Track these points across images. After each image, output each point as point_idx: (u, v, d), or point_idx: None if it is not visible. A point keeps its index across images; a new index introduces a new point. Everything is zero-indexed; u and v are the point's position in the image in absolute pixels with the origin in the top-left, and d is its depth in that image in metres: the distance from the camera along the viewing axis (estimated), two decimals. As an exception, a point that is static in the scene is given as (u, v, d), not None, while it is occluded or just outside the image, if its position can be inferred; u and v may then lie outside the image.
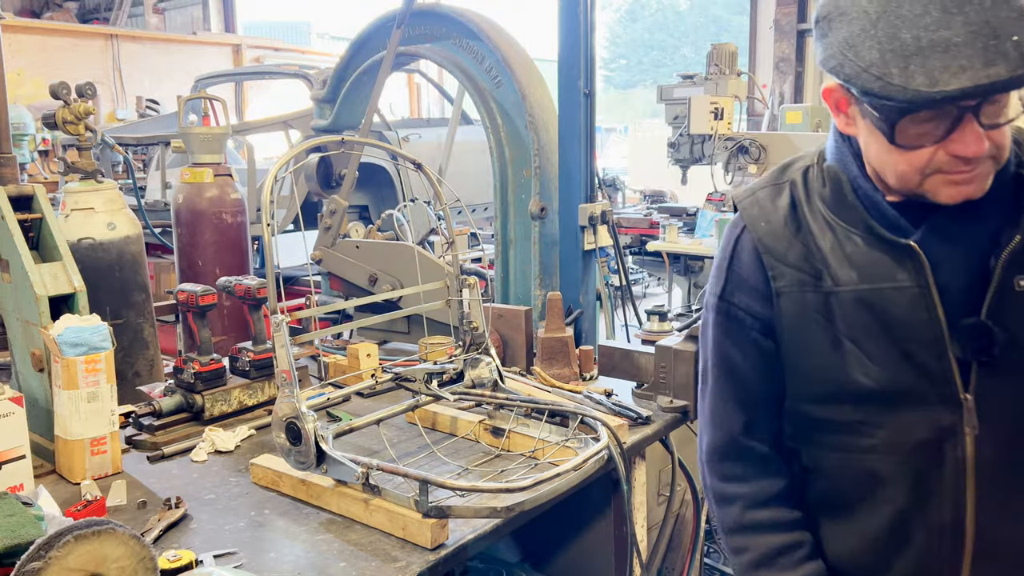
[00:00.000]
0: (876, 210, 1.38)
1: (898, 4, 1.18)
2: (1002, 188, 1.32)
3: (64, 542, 1.40)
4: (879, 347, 1.36)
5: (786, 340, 1.45)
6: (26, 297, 2.28)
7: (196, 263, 3.98)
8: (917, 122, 1.23)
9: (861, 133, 1.34)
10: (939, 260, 1.33)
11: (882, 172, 1.34)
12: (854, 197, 1.40)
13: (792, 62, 9.29)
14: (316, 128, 3.80)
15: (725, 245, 1.53)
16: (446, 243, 2.64)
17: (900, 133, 1.24)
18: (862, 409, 1.40)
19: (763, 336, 1.48)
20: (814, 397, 1.45)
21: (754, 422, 1.53)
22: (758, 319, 1.48)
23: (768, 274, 1.44)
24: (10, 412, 2.00)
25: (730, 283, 1.51)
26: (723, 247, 1.54)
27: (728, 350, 1.53)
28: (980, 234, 1.33)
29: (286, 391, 1.98)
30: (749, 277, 1.48)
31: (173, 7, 14.89)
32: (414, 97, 12.98)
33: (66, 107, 2.82)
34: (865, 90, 1.21)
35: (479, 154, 6.59)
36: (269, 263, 1.97)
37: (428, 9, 3.40)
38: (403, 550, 1.80)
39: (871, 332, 1.37)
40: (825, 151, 1.48)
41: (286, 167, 2.10)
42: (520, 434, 2.30)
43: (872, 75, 1.19)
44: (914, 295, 1.34)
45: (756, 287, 1.47)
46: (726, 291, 1.51)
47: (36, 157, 8.37)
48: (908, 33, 1.16)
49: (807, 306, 1.41)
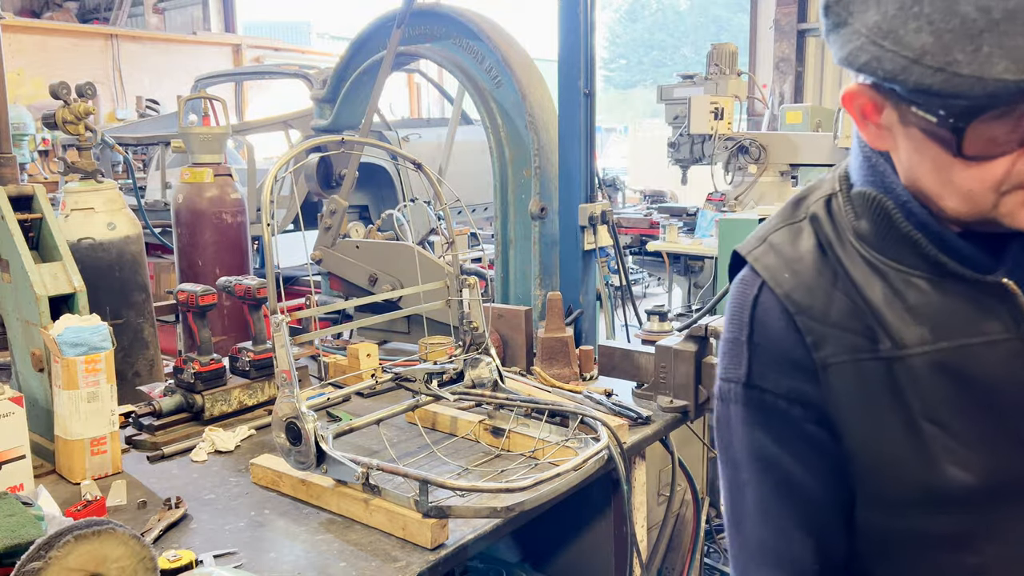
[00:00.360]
0: (942, 243, 1.03)
1: None
2: None
3: (64, 542, 1.40)
4: (974, 426, 1.02)
5: (844, 430, 1.07)
6: (26, 297, 2.28)
7: (196, 263, 3.98)
8: (990, 122, 0.90)
9: (902, 147, 1.01)
10: None
11: (939, 195, 1.00)
12: (909, 228, 1.04)
13: (792, 62, 9.29)
14: (316, 128, 3.80)
15: (737, 313, 1.14)
16: (446, 243, 2.64)
17: (970, 141, 0.92)
18: (960, 515, 1.04)
19: (817, 427, 1.08)
20: (891, 504, 1.08)
21: (828, 548, 1.13)
22: (807, 405, 1.08)
23: (806, 340, 1.07)
24: (10, 412, 2.00)
25: (756, 362, 1.11)
26: (734, 317, 1.14)
27: (773, 456, 1.11)
28: None
29: (286, 391, 1.98)
30: (782, 349, 1.08)
31: (173, 7, 14.90)
32: (414, 97, 12.98)
33: (66, 107, 2.82)
34: (919, 87, 0.89)
35: (479, 154, 6.59)
36: (269, 263, 1.97)
37: (428, 9, 3.40)
38: (403, 550, 1.80)
39: (959, 407, 1.02)
40: (849, 173, 1.13)
41: (286, 167, 2.10)
42: (520, 434, 2.30)
43: (928, 67, 0.87)
44: (1014, 349, 1.01)
45: (795, 361, 1.08)
46: (753, 374, 1.11)
47: (36, 157, 8.37)
48: (970, 3, 0.85)
49: (865, 379, 1.04)
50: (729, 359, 1.15)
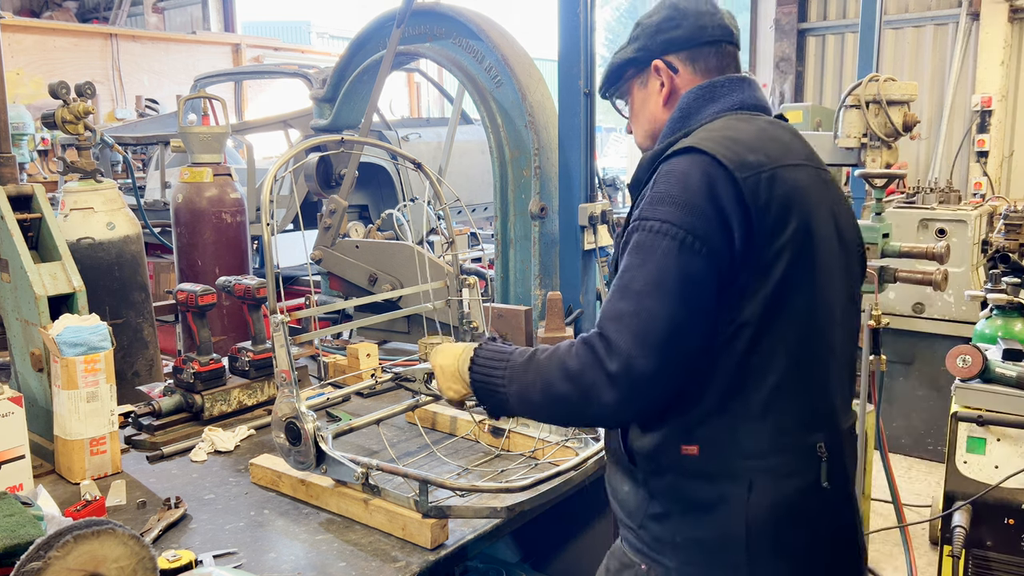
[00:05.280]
0: None
1: None
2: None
3: (64, 542, 1.40)
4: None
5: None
6: (25, 297, 2.28)
7: (196, 263, 3.97)
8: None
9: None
10: None
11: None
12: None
13: (792, 62, 9.28)
14: (316, 127, 3.80)
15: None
16: (446, 243, 2.63)
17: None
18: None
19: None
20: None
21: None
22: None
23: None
24: (9, 412, 2.00)
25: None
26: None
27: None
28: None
29: (286, 391, 1.97)
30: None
31: (172, 6, 14.87)
32: (414, 97, 12.96)
33: (65, 107, 2.82)
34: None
35: (479, 154, 6.59)
36: (269, 263, 1.97)
37: (428, 8, 3.39)
38: (403, 550, 1.80)
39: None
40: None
41: (286, 167, 2.10)
42: (520, 434, 2.30)
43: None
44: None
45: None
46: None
47: (35, 157, 8.34)
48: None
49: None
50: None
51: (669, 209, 1.41)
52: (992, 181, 7.84)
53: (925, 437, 4.71)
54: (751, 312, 1.41)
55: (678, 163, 1.46)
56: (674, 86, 1.65)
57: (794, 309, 1.45)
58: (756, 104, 1.63)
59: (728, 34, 1.66)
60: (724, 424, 1.45)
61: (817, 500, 1.49)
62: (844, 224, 1.62)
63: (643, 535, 1.54)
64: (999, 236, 3.84)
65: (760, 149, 1.48)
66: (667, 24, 1.65)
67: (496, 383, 1.59)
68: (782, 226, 1.43)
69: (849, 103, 3.04)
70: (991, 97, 7.87)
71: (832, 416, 1.54)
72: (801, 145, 1.61)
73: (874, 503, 3.36)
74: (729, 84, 1.62)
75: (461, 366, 1.68)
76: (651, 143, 1.69)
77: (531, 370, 1.53)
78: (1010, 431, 2.47)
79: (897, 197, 5.08)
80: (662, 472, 1.50)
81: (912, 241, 4.13)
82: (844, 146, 3.11)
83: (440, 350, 1.77)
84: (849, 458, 1.60)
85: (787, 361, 1.45)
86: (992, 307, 3.31)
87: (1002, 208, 4.10)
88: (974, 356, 2.53)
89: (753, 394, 1.44)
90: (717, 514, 1.46)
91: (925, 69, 8.49)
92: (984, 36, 7.96)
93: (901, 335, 4.59)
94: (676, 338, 1.39)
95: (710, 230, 1.39)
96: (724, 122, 1.55)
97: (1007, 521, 2.42)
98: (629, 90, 1.74)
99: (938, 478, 3.79)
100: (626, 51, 1.70)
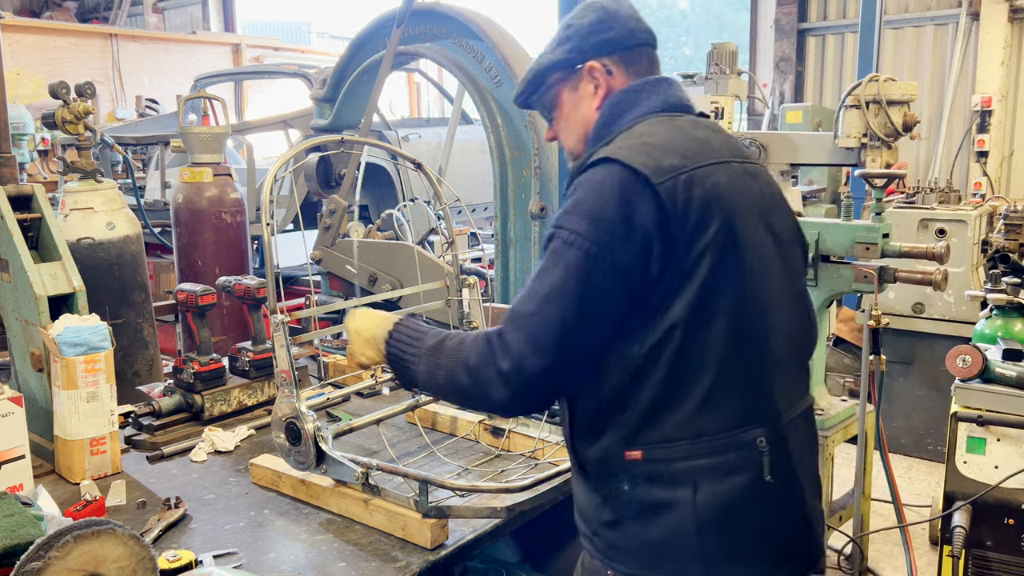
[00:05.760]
0: None
1: None
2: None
3: (64, 542, 1.40)
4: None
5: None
6: (25, 297, 2.28)
7: (196, 263, 3.98)
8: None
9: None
10: None
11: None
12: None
13: (792, 62, 9.28)
14: (316, 127, 3.80)
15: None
16: (446, 243, 2.63)
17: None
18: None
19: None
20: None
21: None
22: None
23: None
24: (9, 412, 2.00)
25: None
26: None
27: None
28: None
29: (286, 391, 1.97)
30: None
31: (172, 6, 14.87)
32: (414, 97, 12.95)
33: (65, 107, 2.82)
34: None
35: (479, 154, 6.59)
36: (269, 263, 1.97)
37: (428, 8, 3.39)
38: (403, 550, 1.80)
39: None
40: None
41: (286, 167, 2.10)
42: (520, 434, 2.30)
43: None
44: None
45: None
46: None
47: (36, 157, 8.34)
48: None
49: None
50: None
51: (579, 220, 1.46)
52: (992, 181, 7.84)
53: (925, 437, 4.71)
54: (678, 314, 1.44)
55: (594, 174, 1.50)
56: (609, 88, 1.66)
57: (722, 307, 1.46)
58: (678, 104, 1.65)
59: (653, 38, 1.72)
60: (664, 427, 1.47)
61: (762, 494, 1.50)
62: (777, 216, 1.62)
63: (598, 542, 1.57)
64: (999, 236, 3.84)
65: (677, 151, 1.51)
66: (600, 26, 1.66)
67: (408, 359, 1.67)
68: (704, 227, 1.45)
69: (849, 103, 3.03)
70: (991, 97, 7.87)
71: (772, 410, 1.54)
72: (723, 141, 1.63)
73: (874, 503, 3.35)
74: (648, 87, 1.65)
75: (379, 335, 1.74)
76: (583, 148, 1.70)
77: (439, 355, 1.61)
78: (1010, 431, 2.46)
79: (897, 197, 5.08)
80: (610, 478, 1.54)
81: (912, 241, 4.13)
82: (844, 146, 3.10)
83: (358, 314, 1.83)
84: (798, 446, 1.58)
85: (719, 359, 1.46)
86: (992, 307, 3.31)
87: (1002, 208, 4.10)
88: (974, 356, 2.52)
89: (688, 395, 1.46)
90: (666, 517, 1.48)
91: (925, 69, 8.49)
92: (984, 36, 7.96)
93: (901, 335, 4.58)
94: (567, 343, 1.45)
95: (616, 242, 1.43)
96: (644, 126, 1.58)
97: (1007, 521, 2.42)
98: (556, 96, 1.72)
99: (938, 478, 3.79)
100: (554, 53, 1.69)
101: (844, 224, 2.89)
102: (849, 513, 3.19)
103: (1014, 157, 8.12)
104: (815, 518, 1.63)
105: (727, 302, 1.46)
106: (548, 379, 1.48)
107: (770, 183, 1.67)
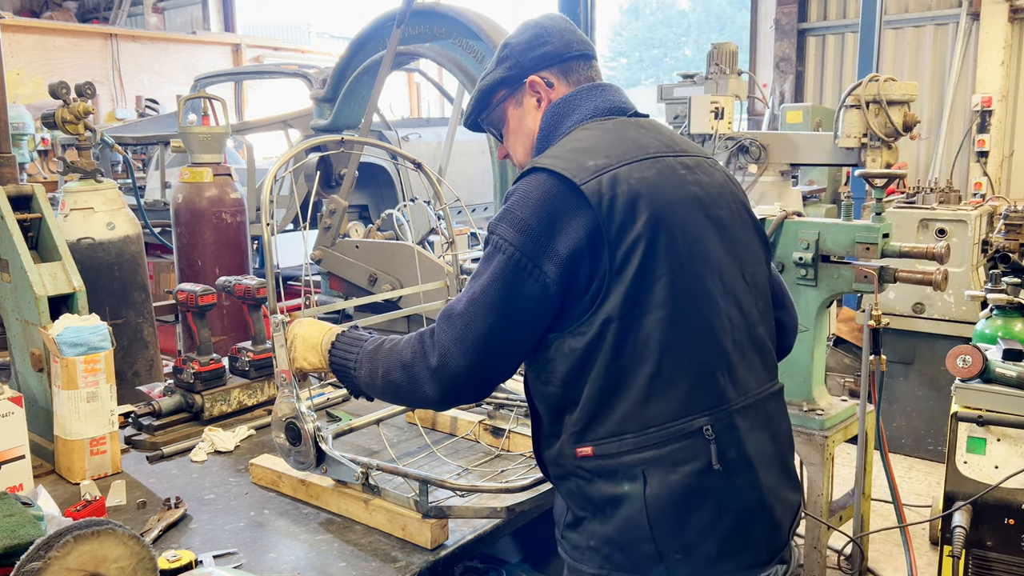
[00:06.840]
0: None
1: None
2: None
3: (64, 542, 1.40)
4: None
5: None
6: (25, 297, 2.28)
7: (196, 263, 3.98)
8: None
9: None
10: None
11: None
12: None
13: (792, 61, 9.29)
14: (316, 127, 3.80)
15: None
16: (446, 243, 2.63)
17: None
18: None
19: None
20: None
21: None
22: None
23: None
24: (9, 412, 2.00)
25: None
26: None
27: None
28: None
29: (285, 391, 1.97)
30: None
31: (172, 7, 14.88)
32: (414, 97, 12.96)
33: (65, 107, 2.82)
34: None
35: (479, 154, 6.59)
36: (269, 263, 1.97)
37: (428, 9, 3.40)
38: (403, 550, 1.80)
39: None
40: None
41: (286, 167, 2.10)
42: (520, 434, 2.30)
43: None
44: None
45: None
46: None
47: (35, 157, 8.35)
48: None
49: None
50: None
51: (506, 227, 1.54)
52: (992, 181, 7.85)
53: (925, 437, 4.71)
54: (612, 308, 1.47)
55: (524, 183, 1.58)
56: (551, 100, 1.73)
57: (657, 299, 1.48)
58: (611, 108, 1.71)
59: (591, 48, 1.80)
60: (610, 421, 1.49)
61: (713, 483, 1.50)
62: (721, 205, 1.64)
63: (565, 545, 1.59)
64: (999, 236, 3.84)
65: (602, 152, 1.57)
66: (536, 41, 1.75)
67: (349, 365, 1.76)
68: (631, 221, 1.49)
69: (849, 103, 3.04)
70: (991, 97, 7.88)
71: (719, 397, 1.53)
72: (654, 137, 1.66)
73: (874, 503, 3.35)
74: (582, 95, 1.72)
75: (324, 343, 1.83)
76: (530, 160, 1.74)
77: (377, 357, 1.70)
78: (1010, 431, 2.46)
79: (897, 197, 5.08)
80: (568, 478, 1.56)
81: (912, 241, 4.13)
82: (844, 146, 3.11)
83: (304, 322, 1.92)
84: (752, 432, 1.56)
85: (659, 350, 1.48)
86: (992, 307, 3.31)
87: (1002, 208, 4.10)
88: (974, 356, 2.52)
89: (631, 388, 1.48)
90: (620, 512, 1.49)
91: (925, 69, 8.50)
92: (984, 36, 7.97)
93: (901, 335, 4.58)
94: (491, 342, 1.52)
95: (538, 249, 1.50)
96: (576, 133, 1.66)
97: (1007, 521, 2.42)
98: (503, 113, 1.80)
99: (938, 478, 3.79)
100: (496, 73, 1.78)
101: (844, 224, 2.89)
102: (849, 513, 3.19)
103: (1014, 157, 8.13)
104: (777, 506, 1.60)
105: (662, 294, 1.49)
106: (474, 376, 1.55)
107: (711, 174, 1.68)
